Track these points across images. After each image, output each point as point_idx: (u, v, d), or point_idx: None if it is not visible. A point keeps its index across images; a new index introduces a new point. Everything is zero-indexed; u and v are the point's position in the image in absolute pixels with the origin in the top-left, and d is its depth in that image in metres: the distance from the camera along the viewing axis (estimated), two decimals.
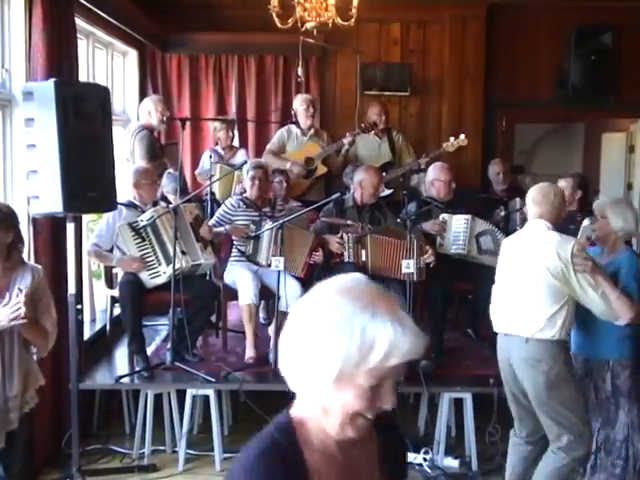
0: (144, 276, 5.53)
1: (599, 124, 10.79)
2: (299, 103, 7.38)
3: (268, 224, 5.75)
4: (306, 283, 6.07)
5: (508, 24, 8.33)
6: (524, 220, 6.57)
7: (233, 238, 6.08)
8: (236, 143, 7.93)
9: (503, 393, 5.18)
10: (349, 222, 6.03)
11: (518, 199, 6.73)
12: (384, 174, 7.25)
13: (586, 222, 5.95)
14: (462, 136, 7.15)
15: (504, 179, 7.28)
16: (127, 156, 6.70)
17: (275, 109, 8.13)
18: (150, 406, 5.30)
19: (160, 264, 5.52)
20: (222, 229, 5.96)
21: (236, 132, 7.96)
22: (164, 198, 6.40)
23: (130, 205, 5.69)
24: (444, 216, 6.11)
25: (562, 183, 6.26)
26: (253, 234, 5.77)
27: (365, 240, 5.84)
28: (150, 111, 6.71)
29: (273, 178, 6.58)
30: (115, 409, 5.92)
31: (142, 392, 5.39)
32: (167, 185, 6.46)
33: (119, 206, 5.31)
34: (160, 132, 7.12)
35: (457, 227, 6.04)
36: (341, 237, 5.87)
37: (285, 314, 5.78)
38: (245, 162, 6.23)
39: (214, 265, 6.01)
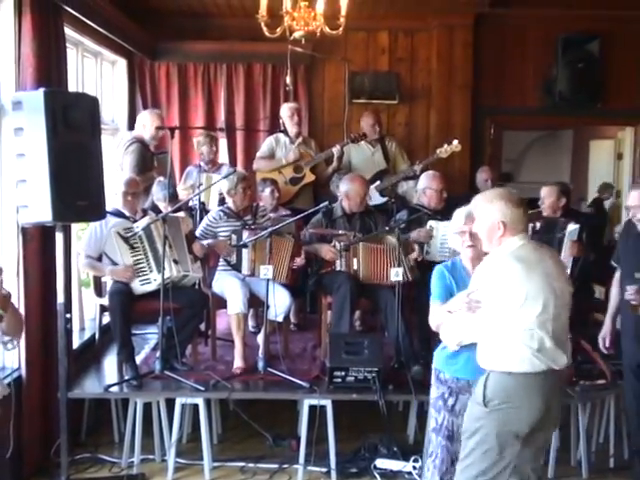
0: (134, 282, 5.55)
1: (587, 132, 10.87)
2: (285, 111, 7.43)
3: (246, 233, 5.77)
4: (295, 292, 6.10)
5: (495, 32, 8.36)
6: None
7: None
8: (224, 152, 7.95)
9: None
10: (340, 232, 6.06)
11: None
12: (378, 182, 7.29)
13: (571, 227, 6.03)
14: (455, 142, 7.18)
15: (492, 186, 7.31)
16: (118, 167, 6.71)
17: (264, 117, 8.13)
18: (139, 415, 5.29)
19: (152, 271, 5.53)
20: (205, 243, 5.97)
21: (224, 141, 7.99)
22: (154, 206, 6.42)
23: (117, 213, 5.71)
24: (431, 223, 6.14)
25: (546, 190, 6.33)
26: (234, 244, 5.79)
27: (356, 248, 5.86)
28: (145, 124, 6.72)
29: (264, 187, 6.60)
30: (104, 418, 5.91)
31: (131, 401, 5.38)
32: (157, 193, 6.47)
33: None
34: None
35: (444, 234, 6.07)
36: (334, 245, 5.90)
37: (274, 323, 5.80)
38: (234, 171, 6.23)
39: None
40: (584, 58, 8.21)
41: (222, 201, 6.51)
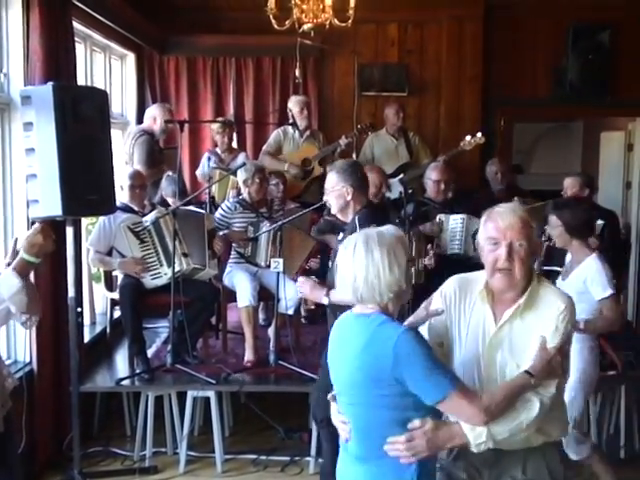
0: (145, 277, 5.56)
1: (597, 123, 10.79)
2: (293, 105, 7.41)
3: (266, 225, 5.76)
4: None
5: (505, 23, 8.32)
6: None
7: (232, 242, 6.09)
8: (235, 145, 7.94)
9: None
10: None
11: (516, 198, 6.73)
12: (402, 175, 7.28)
13: (599, 222, 5.96)
14: (479, 134, 7.14)
15: (502, 179, 7.27)
16: (126, 159, 6.72)
17: (273, 110, 8.13)
18: (151, 408, 5.31)
19: (162, 265, 5.55)
20: (221, 234, 5.97)
21: (234, 134, 7.98)
22: (163, 201, 6.42)
23: (125, 208, 5.72)
24: (440, 216, 6.13)
25: (569, 181, 6.27)
26: (252, 235, 5.78)
27: None
28: (156, 117, 6.73)
29: (270, 180, 6.59)
30: (116, 411, 5.93)
31: (143, 394, 5.40)
32: (166, 188, 6.47)
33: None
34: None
35: (453, 227, 6.06)
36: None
37: (285, 316, 5.81)
38: (244, 164, 6.23)
39: None
40: (595, 49, 8.16)
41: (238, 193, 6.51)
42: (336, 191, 4.33)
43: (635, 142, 9.13)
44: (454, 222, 6.10)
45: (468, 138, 7.16)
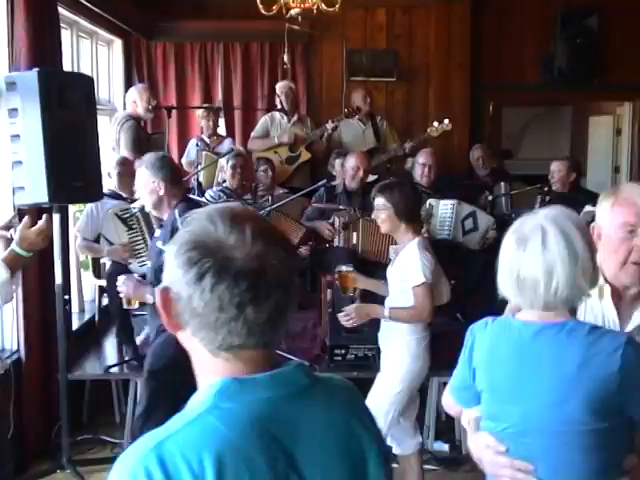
0: (133, 264, 5.54)
1: (586, 107, 10.82)
2: (280, 90, 7.42)
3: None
4: None
5: (493, 8, 8.32)
6: (510, 204, 6.65)
7: None
8: (223, 131, 7.92)
9: None
10: (341, 207, 6.06)
11: (503, 183, 6.76)
12: None
13: (589, 208, 5.98)
14: (446, 121, 7.16)
15: (484, 164, 7.28)
16: (113, 145, 6.68)
17: (261, 96, 8.10)
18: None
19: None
20: None
21: (222, 120, 7.96)
22: None
23: (113, 195, 5.70)
24: (430, 201, 6.14)
25: (556, 165, 6.29)
26: None
27: (357, 223, 5.86)
28: (136, 100, 6.68)
29: (258, 167, 6.58)
30: (105, 399, 5.92)
31: (132, 381, 5.37)
32: None
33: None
34: (147, 121, 7.11)
35: (443, 212, 6.08)
36: (332, 223, 5.89)
37: None
38: (231, 150, 6.22)
39: None
40: (582, 33, 8.17)
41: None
42: (148, 187, 4.16)
43: (623, 126, 9.15)
44: (444, 207, 6.11)
45: (435, 124, 7.18)
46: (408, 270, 3.99)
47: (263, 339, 1.38)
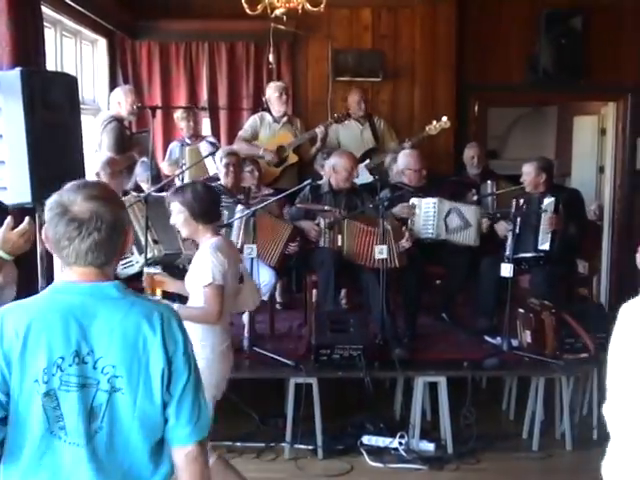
0: (117, 267, 5.51)
1: (571, 107, 10.85)
2: (272, 91, 7.37)
3: (240, 211, 5.73)
4: (280, 271, 6.09)
5: (479, 9, 8.33)
6: (496, 204, 6.68)
7: None
8: (208, 131, 7.90)
9: (476, 376, 5.28)
10: (326, 207, 6.04)
11: (489, 182, 6.78)
12: (368, 160, 7.27)
13: (547, 200, 6.08)
14: (444, 118, 7.17)
15: (479, 163, 7.30)
16: (96, 147, 6.65)
17: (247, 96, 8.08)
18: None
19: (132, 253, 5.49)
20: None
21: (207, 120, 7.94)
22: (137, 187, 6.38)
23: None
24: (413, 200, 6.15)
25: (526, 167, 6.34)
26: (225, 222, 5.75)
27: (342, 225, 5.85)
28: (120, 102, 6.66)
29: (244, 167, 6.57)
30: None
31: None
32: (141, 174, 6.42)
33: None
34: (131, 122, 7.09)
35: (426, 210, 6.10)
36: (318, 223, 5.88)
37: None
38: (218, 148, 6.20)
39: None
40: (567, 34, 8.19)
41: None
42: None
43: (608, 126, 9.19)
44: (427, 206, 6.13)
45: (434, 122, 7.18)
46: (199, 270, 3.95)
47: (88, 261, 2.14)
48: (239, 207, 5.78)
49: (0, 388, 2.07)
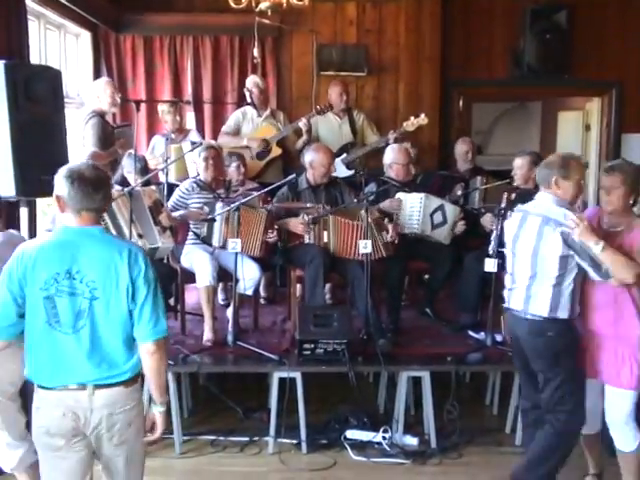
0: None
1: (555, 103, 10.90)
2: (251, 85, 7.37)
3: (221, 206, 5.71)
4: (265, 266, 6.08)
5: (463, 4, 8.35)
6: (483, 199, 6.67)
7: (189, 221, 6.04)
8: (192, 124, 7.88)
9: (460, 371, 5.29)
10: (308, 205, 6.03)
11: (479, 177, 6.78)
12: (345, 155, 7.27)
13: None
14: (422, 115, 7.17)
15: (472, 158, 7.30)
16: (81, 142, 6.61)
17: (231, 90, 8.07)
18: None
19: None
20: (178, 214, 5.89)
21: (192, 114, 7.93)
22: (123, 180, 6.34)
23: None
24: (400, 195, 6.15)
25: (518, 161, 6.32)
26: (209, 217, 5.73)
27: (327, 221, 5.84)
28: (99, 95, 6.57)
29: (230, 162, 6.55)
30: None
31: None
32: (129, 166, 6.38)
33: None
34: (115, 115, 7.05)
35: (412, 205, 6.09)
36: (302, 218, 5.86)
37: (243, 296, 5.80)
38: (200, 144, 6.18)
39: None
40: (552, 29, 8.22)
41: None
42: None
43: (592, 122, 9.23)
44: (413, 201, 6.12)
45: (412, 118, 7.18)
46: None
47: (79, 207, 3.04)
48: (219, 203, 5.75)
49: (20, 294, 3.02)
